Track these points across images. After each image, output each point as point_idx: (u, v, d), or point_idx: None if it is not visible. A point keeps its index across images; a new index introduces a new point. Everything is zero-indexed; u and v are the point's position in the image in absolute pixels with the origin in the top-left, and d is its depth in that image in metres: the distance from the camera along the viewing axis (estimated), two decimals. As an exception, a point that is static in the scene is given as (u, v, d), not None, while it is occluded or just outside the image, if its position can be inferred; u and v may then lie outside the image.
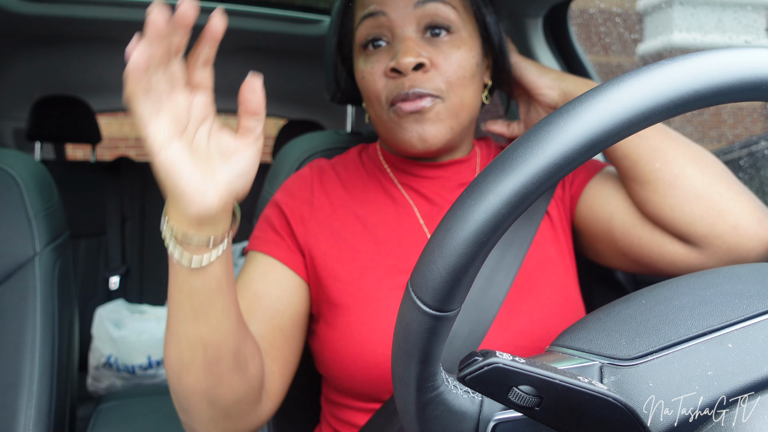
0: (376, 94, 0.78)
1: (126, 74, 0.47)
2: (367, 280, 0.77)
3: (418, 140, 0.77)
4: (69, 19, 1.82)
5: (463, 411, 0.44)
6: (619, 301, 0.53)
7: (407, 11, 0.76)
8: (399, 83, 0.76)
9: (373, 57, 0.79)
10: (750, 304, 0.46)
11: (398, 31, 0.77)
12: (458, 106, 0.78)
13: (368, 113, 0.84)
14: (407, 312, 0.40)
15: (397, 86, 0.76)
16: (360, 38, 0.80)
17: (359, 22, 0.80)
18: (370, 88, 0.79)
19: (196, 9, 0.49)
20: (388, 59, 0.77)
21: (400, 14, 0.76)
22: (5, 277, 0.94)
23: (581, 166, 0.87)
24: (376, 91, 0.78)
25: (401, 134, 0.78)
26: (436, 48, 0.77)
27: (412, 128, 0.77)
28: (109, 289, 2.23)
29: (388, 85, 0.77)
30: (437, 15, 0.77)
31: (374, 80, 0.78)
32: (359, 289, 0.76)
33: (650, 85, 0.36)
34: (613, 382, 0.44)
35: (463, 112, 0.79)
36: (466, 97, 0.78)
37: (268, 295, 0.77)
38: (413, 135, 0.77)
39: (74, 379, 1.06)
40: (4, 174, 0.97)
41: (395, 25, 0.77)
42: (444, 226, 0.38)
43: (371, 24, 0.78)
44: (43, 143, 2.40)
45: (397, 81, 0.76)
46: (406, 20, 0.76)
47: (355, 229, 0.81)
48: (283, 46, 2.08)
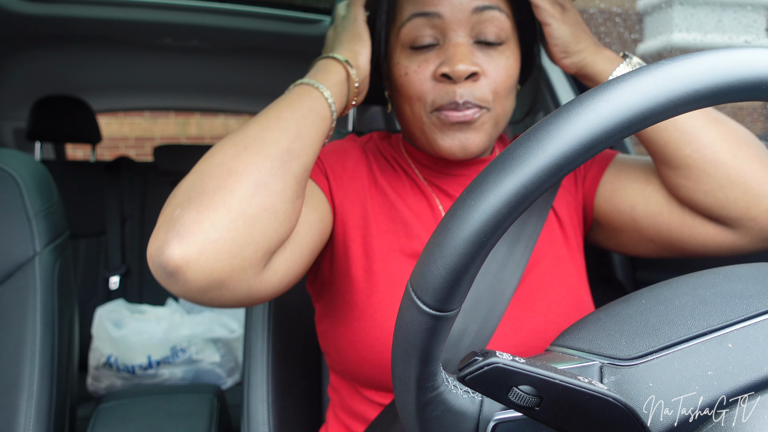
0: (419, 95, 0.76)
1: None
2: (391, 263, 0.76)
3: (459, 149, 0.75)
4: (69, 19, 1.82)
5: (463, 411, 0.44)
6: (619, 301, 0.53)
7: (464, 16, 0.74)
8: (449, 90, 0.73)
9: (419, 56, 0.76)
10: (750, 304, 0.46)
11: (452, 34, 0.74)
12: (501, 115, 0.77)
13: (398, 108, 0.81)
14: (407, 312, 0.40)
15: (447, 93, 0.73)
16: (407, 35, 0.76)
17: (408, 18, 0.76)
18: (413, 87, 0.76)
19: None
20: (438, 61, 0.74)
21: (457, 18, 0.74)
22: (5, 277, 0.94)
23: (591, 160, 0.86)
24: (421, 93, 0.75)
25: (442, 140, 0.76)
26: (487, 56, 0.75)
27: (455, 136, 0.75)
28: (109, 289, 2.23)
29: (436, 89, 0.74)
30: (492, 24, 0.74)
31: (420, 81, 0.75)
32: (382, 270, 0.75)
33: (650, 85, 0.36)
34: (613, 382, 0.44)
35: (503, 120, 0.78)
36: (508, 106, 0.78)
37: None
38: (455, 143, 0.75)
39: (74, 379, 1.06)
40: (4, 174, 0.97)
41: (449, 28, 0.74)
42: (444, 225, 0.38)
43: (422, 23, 0.75)
44: (43, 143, 2.40)
45: (447, 87, 0.74)
46: (461, 25, 0.74)
47: (384, 208, 0.80)
48: (283, 46, 2.08)
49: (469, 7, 0.73)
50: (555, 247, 0.81)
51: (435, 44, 0.76)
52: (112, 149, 5.30)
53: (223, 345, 1.95)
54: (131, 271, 2.29)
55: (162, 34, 1.98)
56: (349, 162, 0.83)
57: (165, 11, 1.78)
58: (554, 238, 0.82)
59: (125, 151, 5.37)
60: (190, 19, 1.83)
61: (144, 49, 2.22)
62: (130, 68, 2.46)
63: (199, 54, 2.26)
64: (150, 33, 1.97)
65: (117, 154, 2.65)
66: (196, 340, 1.90)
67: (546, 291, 0.77)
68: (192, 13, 1.80)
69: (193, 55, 2.27)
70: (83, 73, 2.47)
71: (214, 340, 1.93)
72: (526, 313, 0.75)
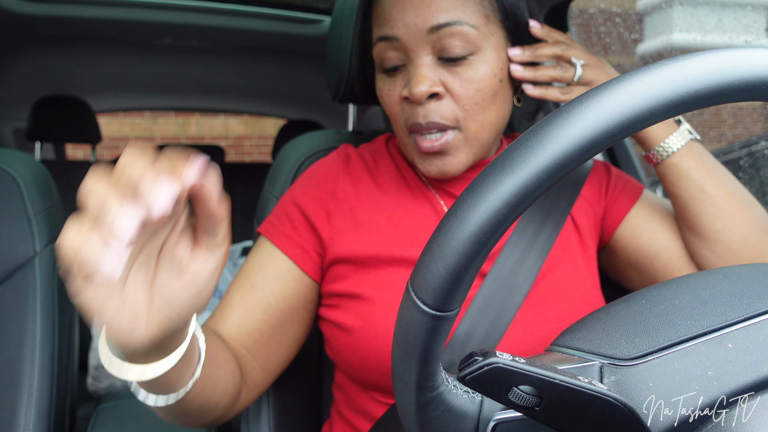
0: (394, 117, 0.77)
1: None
2: (392, 272, 0.76)
3: (438, 174, 0.76)
4: (69, 19, 1.82)
5: (463, 411, 0.44)
6: (619, 301, 0.52)
7: (420, 36, 0.72)
8: (414, 112, 0.74)
9: (390, 78, 0.77)
10: (750, 304, 0.46)
11: (413, 56, 0.73)
12: (479, 131, 0.75)
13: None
14: (407, 312, 0.40)
15: (413, 114, 0.74)
16: (377, 57, 0.77)
17: (375, 41, 0.76)
18: (388, 108, 0.78)
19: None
20: (403, 83, 0.75)
21: (413, 39, 0.72)
22: (5, 277, 0.94)
23: (624, 185, 0.86)
24: (394, 114, 0.77)
25: (421, 164, 0.77)
26: (452, 73, 0.73)
27: (433, 162, 0.76)
28: (109, 289, 2.23)
29: (405, 110, 0.75)
30: (454, 39, 0.71)
31: (392, 103, 0.76)
32: (385, 280, 0.75)
33: (650, 85, 0.36)
34: (613, 382, 0.44)
35: (486, 134, 0.76)
36: (487, 118, 0.75)
37: (264, 288, 0.77)
38: (433, 168, 0.76)
39: (74, 379, 1.06)
40: (4, 174, 0.97)
41: (410, 50, 0.73)
42: (444, 225, 0.38)
43: (385, 47, 0.75)
44: (43, 143, 2.40)
45: (412, 109, 0.74)
46: (420, 45, 0.72)
47: (381, 220, 0.80)
48: (283, 46, 2.08)
49: (424, 27, 0.71)
50: (571, 255, 0.80)
51: (401, 65, 0.75)
52: (112, 149, 5.30)
53: (223, 345, 1.95)
54: (131, 271, 2.28)
55: (162, 34, 1.98)
56: (329, 187, 0.82)
57: (165, 11, 1.78)
58: (571, 246, 0.81)
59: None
60: (190, 19, 1.83)
61: (144, 49, 2.22)
62: (130, 68, 2.46)
63: (199, 54, 2.26)
64: (150, 33, 1.97)
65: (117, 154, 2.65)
66: (196, 340, 1.90)
67: (559, 297, 0.76)
68: (192, 13, 1.80)
69: (193, 55, 2.27)
70: (83, 73, 2.47)
71: (214, 340, 1.93)
72: (537, 318, 0.75)
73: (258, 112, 3.38)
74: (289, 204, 0.82)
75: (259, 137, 5.87)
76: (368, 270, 0.76)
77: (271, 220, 0.82)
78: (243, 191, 2.57)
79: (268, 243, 0.80)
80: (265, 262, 0.79)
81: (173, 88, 2.80)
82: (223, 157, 2.66)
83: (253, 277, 0.78)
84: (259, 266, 0.79)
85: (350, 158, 0.86)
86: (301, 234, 0.80)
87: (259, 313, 0.76)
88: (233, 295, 0.78)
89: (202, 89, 2.79)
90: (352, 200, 0.81)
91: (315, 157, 0.98)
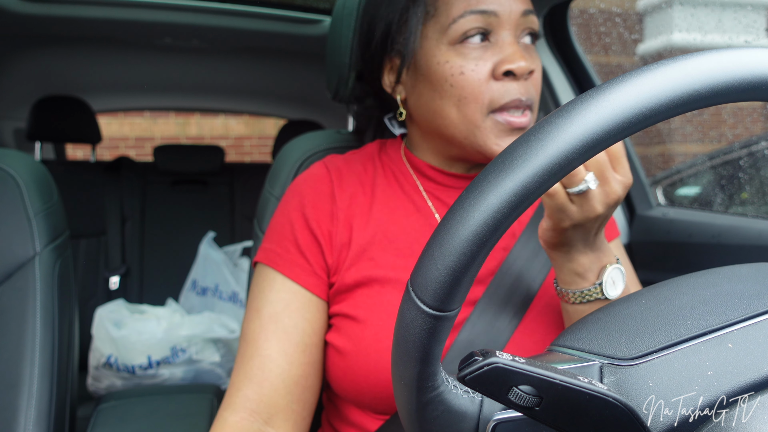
0: (476, 95, 0.72)
1: None
2: (386, 294, 0.74)
3: None
4: (69, 19, 1.82)
5: (463, 411, 0.44)
6: (619, 301, 0.52)
7: (516, 17, 0.74)
8: (510, 88, 0.72)
9: (473, 53, 0.73)
10: (750, 304, 0.46)
11: (504, 33, 0.74)
12: (535, 117, 0.77)
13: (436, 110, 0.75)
14: (407, 312, 0.40)
15: (508, 91, 0.72)
16: (457, 31, 0.73)
17: (462, 14, 0.72)
18: (470, 87, 0.72)
19: None
20: (493, 60, 0.73)
21: (512, 19, 0.74)
22: (5, 277, 0.94)
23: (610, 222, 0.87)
24: (478, 92, 0.72)
25: (496, 145, 0.73)
26: (531, 56, 0.76)
27: (508, 142, 0.73)
28: (109, 289, 2.23)
29: (493, 88, 0.72)
30: (534, 26, 0.76)
31: (479, 80, 0.72)
32: (378, 303, 0.74)
33: (650, 84, 0.36)
34: (613, 382, 0.44)
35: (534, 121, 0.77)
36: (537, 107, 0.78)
37: (296, 330, 0.75)
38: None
39: (74, 379, 1.06)
40: (4, 174, 0.97)
41: (503, 27, 0.73)
42: (444, 225, 0.38)
43: (477, 20, 0.72)
44: (43, 143, 2.40)
45: (507, 85, 0.72)
46: (513, 25, 0.74)
47: (375, 238, 0.78)
48: (283, 46, 2.08)
49: (519, 10, 0.74)
50: None
51: (488, 43, 0.74)
52: (112, 149, 5.30)
53: (223, 345, 1.95)
54: (131, 271, 2.29)
55: (162, 34, 1.97)
56: (327, 208, 0.79)
57: (165, 11, 1.78)
58: None
59: (125, 151, 5.37)
60: (190, 19, 1.83)
61: (144, 49, 2.22)
62: (130, 68, 2.46)
63: (199, 54, 2.26)
64: (150, 33, 1.97)
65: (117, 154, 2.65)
66: (196, 340, 1.90)
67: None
68: (192, 13, 1.80)
69: (193, 55, 2.27)
70: (83, 73, 2.47)
71: (214, 340, 1.93)
72: (542, 324, 0.75)
73: (258, 112, 3.38)
74: (288, 228, 0.79)
75: (259, 137, 5.87)
76: (362, 290, 0.75)
77: (275, 249, 0.79)
78: (243, 191, 2.57)
79: (280, 277, 0.77)
80: (288, 301, 0.76)
81: (173, 88, 2.80)
82: (223, 157, 2.66)
83: (282, 321, 0.75)
84: (282, 306, 0.76)
85: (341, 172, 0.83)
86: (309, 259, 0.77)
87: (300, 357, 0.74)
88: (268, 347, 0.74)
89: (202, 89, 2.79)
90: (349, 219, 0.79)
91: (315, 157, 0.98)
